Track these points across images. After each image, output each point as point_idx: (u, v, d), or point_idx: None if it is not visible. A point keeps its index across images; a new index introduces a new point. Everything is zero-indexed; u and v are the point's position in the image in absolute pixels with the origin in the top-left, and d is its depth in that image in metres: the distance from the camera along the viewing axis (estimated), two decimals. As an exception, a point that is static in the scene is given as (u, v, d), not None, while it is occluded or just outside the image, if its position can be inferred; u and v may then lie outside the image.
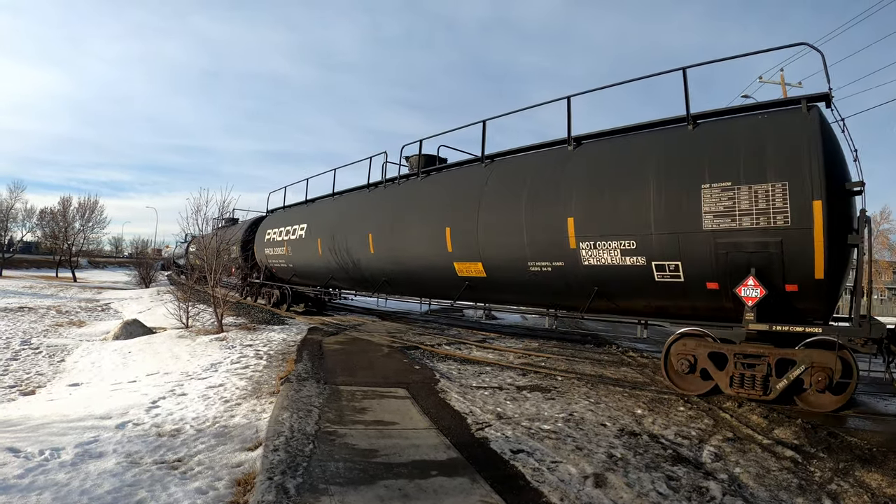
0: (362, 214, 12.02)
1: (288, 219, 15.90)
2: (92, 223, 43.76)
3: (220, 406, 5.73)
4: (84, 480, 3.65)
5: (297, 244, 14.77)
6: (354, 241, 11.81)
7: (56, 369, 9.69)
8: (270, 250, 16.57)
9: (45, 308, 19.34)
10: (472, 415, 5.48)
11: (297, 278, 15.97)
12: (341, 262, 12.50)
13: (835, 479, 4.04)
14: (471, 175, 9.50)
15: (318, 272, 14.33)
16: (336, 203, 13.80)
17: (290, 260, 15.46)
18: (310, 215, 14.67)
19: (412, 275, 10.61)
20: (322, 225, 13.67)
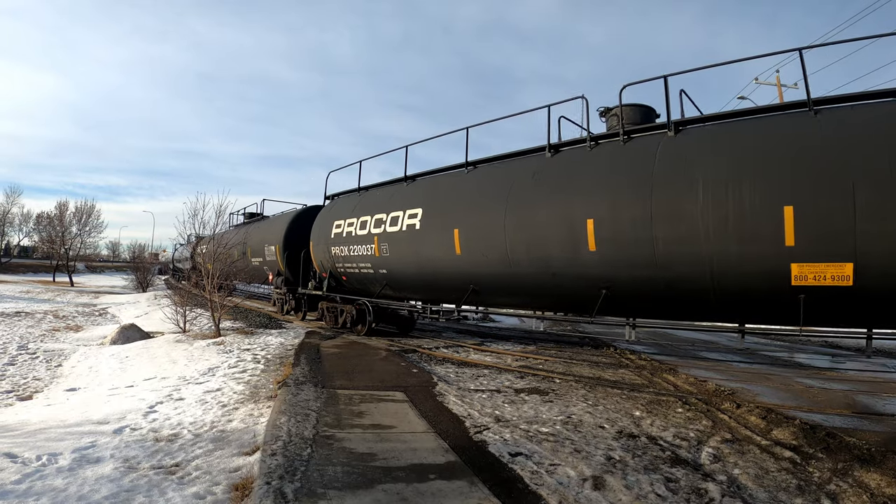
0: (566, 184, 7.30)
1: (378, 203, 11.00)
2: (89, 228, 43.79)
3: (218, 410, 5.72)
4: (81, 486, 3.64)
5: (401, 238, 9.95)
6: (548, 233, 7.27)
7: (53, 374, 9.65)
8: (340, 249, 11.94)
9: (42, 313, 19.27)
10: (470, 418, 5.47)
11: (392, 290, 10.96)
12: (515, 263, 7.77)
13: (833, 479, 4.04)
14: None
15: (443, 278, 9.29)
16: (475, 176, 9.09)
17: (383, 263, 10.61)
18: (426, 195, 9.81)
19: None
20: (456, 207, 8.92)
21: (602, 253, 6.64)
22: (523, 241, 7.58)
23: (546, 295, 7.92)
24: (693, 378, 7.81)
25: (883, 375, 8.61)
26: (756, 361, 9.83)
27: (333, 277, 12.80)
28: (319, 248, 13.09)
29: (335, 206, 13.13)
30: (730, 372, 8.61)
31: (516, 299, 8.79)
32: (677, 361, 9.53)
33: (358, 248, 11.33)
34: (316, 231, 13.37)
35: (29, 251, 56.50)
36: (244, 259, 17.87)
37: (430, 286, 10.02)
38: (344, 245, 11.86)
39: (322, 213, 13.71)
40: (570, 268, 7.10)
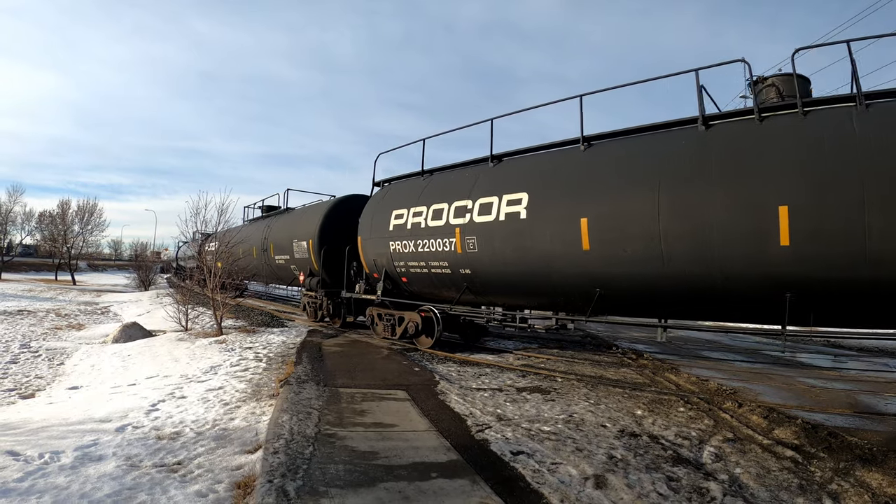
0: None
1: (457, 187, 9.12)
2: (91, 226, 43.75)
3: (220, 409, 5.73)
4: (84, 484, 3.65)
5: (496, 230, 8.09)
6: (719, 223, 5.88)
7: (55, 372, 9.67)
8: (402, 245, 9.91)
9: (45, 311, 19.31)
10: (472, 416, 5.48)
11: (473, 293, 9.07)
12: (670, 260, 6.25)
13: (835, 478, 4.04)
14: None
15: (559, 279, 7.50)
16: (599, 155, 7.43)
17: (467, 261, 8.65)
18: (531, 176, 8.01)
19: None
20: (582, 191, 7.23)
21: (797, 248, 5.39)
22: (684, 234, 6.11)
23: (711, 300, 6.29)
24: (695, 377, 7.81)
25: (885, 375, 8.59)
26: (758, 361, 9.82)
27: (389, 279, 10.65)
28: (371, 243, 10.93)
29: (391, 194, 11.00)
30: (732, 371, 8.60)
31: (663, 308, 6.97)
32: (679, 360, 9.53)
33: (429, 243, 9.27)
34: (366, 223, 11.22)
35: (31, 250, 56.58)
36: (264, 256, 16.68)
37: (535, 290, 8.04)
38: (408, 239, 9.75)
39: (373, 201, 11.54)
40: (751, 267, 5.72)
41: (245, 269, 18.65)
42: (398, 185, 11.31)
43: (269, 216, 18.56)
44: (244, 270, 18.69)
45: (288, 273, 15.88)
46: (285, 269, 15.88)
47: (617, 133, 7.51)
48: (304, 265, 14.34)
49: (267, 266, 16.81)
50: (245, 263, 17.86)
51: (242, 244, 18.26)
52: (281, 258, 15.81)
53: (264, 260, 16.64)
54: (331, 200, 14.29)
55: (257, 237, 17.67)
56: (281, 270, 16.29)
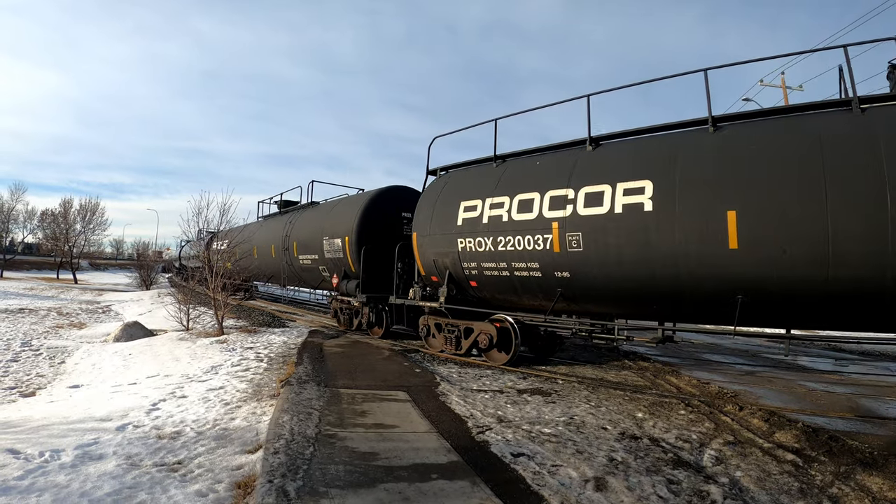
0: None
1: (548, 174, 7.93)
2: (93, 225, 43.83)
3: (221, 408, 5.73)
4: (84, 482, 3.65)
5: (610, 225, 6.88)
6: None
7: (56, 371, 9.69)
8: (475, 242, 8.55)
9: (46, 310, 19.34)
10: (473, 418, 5.48)
11: (568, 300, 7.80)
12: (840, 264, 5.44)
13: (836, 482, 4.03)
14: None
15: (690, 284, 6.40)
16: (736, 139, 6.38)
17: (566, 261, 7.36)
18: (654, 162, 6.80)
19: None
20: (727, 179, 6.17)
21: None
22: (860, 232, 5.24)
23: (878, 307, 5.41)
24: (696, 380, 7.80)
25: (886, 379, 8.58)
26: (759, 364, 9.81)
27: (454, 282, 9.16)
28: (431, 241, 9.40)
29: (455, 183, 9.59)
30: (733, 374, 8.59)
31: (823, 319, 6.06)
32: (680, 363, 9.52)
33: (514, 241, 7.86)
34: (424, 218, 9.70)
35: (33, 248, 56.69)
36: (285, 256, 15.27)
37: (650, 296, 6.84)
38: (484, 236, 8.35)
39: (431, 192, 9.97)
40: None
41: (259, 270, 17.99)
42: (463, 172, 9.89)
43: (290, 211, 16.92)
44: (257, 271, 18.04)
45: (315, 275, 14.30)
46: (312, 271, 14.32)
47: (747, 115, 6.68)
48: (336, 266, 12.76)
49: (289, 267, 15.34)
50: (260, 264, 17.33)
51: (257, 243, 17.54)
52: (307, 258, 14.28)
53: (286, 260, 15.27)
54: (370, 192, 12.53)
55: (276, 235, 16.36)
56: (306, 272, 14.72)
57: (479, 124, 9.74)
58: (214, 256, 15.29)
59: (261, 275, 18.94)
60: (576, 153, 7.84)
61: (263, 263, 17.57)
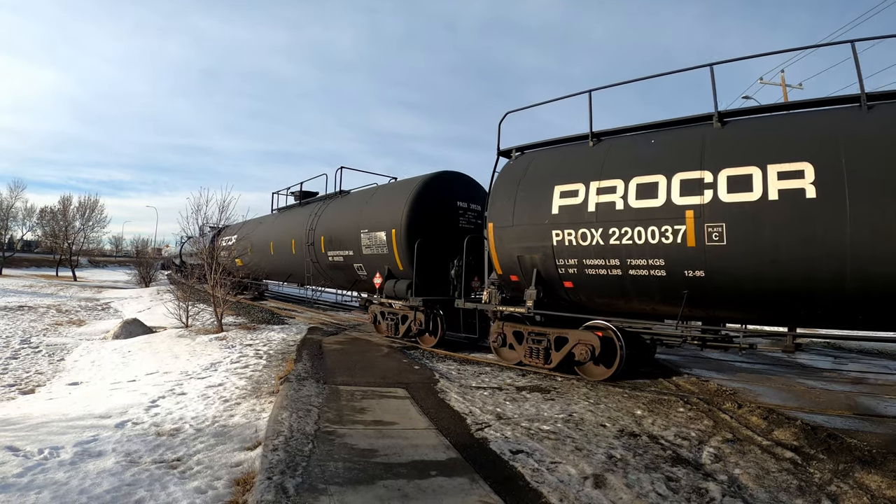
0: None
1: (666, 154, 6.87)
2: (92, 222, 43.92)
3: (220, 405, 5.73)
4: (83, 479, 3.65)
5: (766, 214, 5.88)
6: None
7: (56, 368, 9.69)
8: (577, 234, 7.28)
9: (45, 307, 19.33)
10: (472, 415, 5.48)
11: (695, 305, 6.65)
12: None
13: (834, 480, 4.04)
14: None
15: (862, 280, 5.51)
16: None
17: (702, 258, 6.29)
18: (811, 140, 5.94)
19: None
20: None
21: None
22: None
23: None
24: (695, 378, 7.80)
25: (885, 377, 8.59)
26: (758, 362, 9.82)
27: (543, 283, 7.83)
28: (515, 233, 8.06)
29: (541, 164, 8.27)
30: (731, 372, 8.60)
31: None
32: (679, 361, 9.52)
33: (632, 233, 6.75)
34: (503, 205, 8.31)
35: (32, 246, 56.70)
36: (310, 252, 13.56)
37: (806, 298, 5.92)
38: (589, 227, 7.12)
39: (509, 176, 8.59)
40: None
41: (275, 268, 16.83)
42: (550, 153, 8.48)
43: (313, 202, 15.16)
44: (272, 269, 16.97)
45: (348, 274, 12.53)
46: (345, 269, 12.53)
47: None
48: (378, 264, 11.05)
49: (315, 265, 13.65)
50: (277, 261, 16.32)
51: (274, 238, 16.49)
52: (338, 254, 12.51)
53: (311, 257, 13.64)
54: (421, 177, 10.79)
55: (297, 229, 14.58)
56: (337, 270, 12.94)
57: (566, 96, 8.55)
58: (222, 253, 14.66)
59: (278, 273, 17.37)
60: (701, 130, 6.78)
61: (281, 260, 16.02)
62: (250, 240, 16.78)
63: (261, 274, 17.78)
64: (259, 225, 17.91)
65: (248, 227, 17.89)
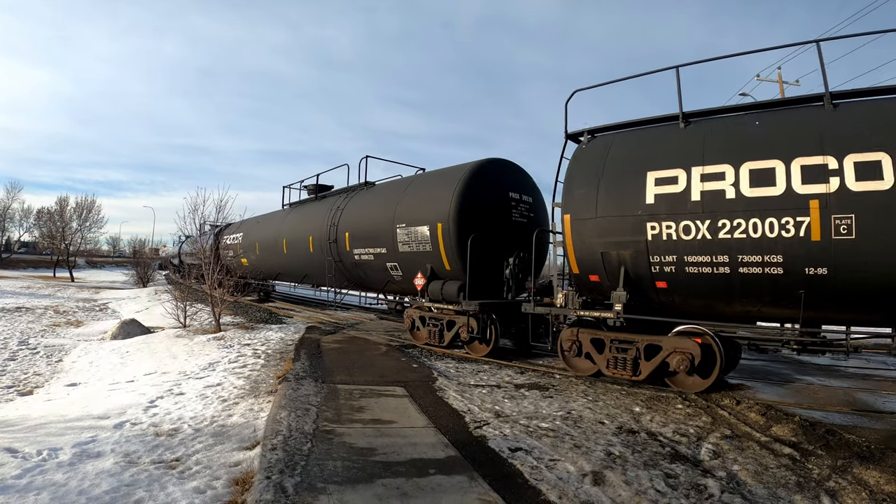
0: None
1: (772, 136, 6.28)
2: (89, 223, 43.94)
3: (218, 405, 5.72)
4: (82, 480, 3.64)
5: (886, 205, 5.45)
6: None
7: (54, 369, 9.67)
8: (678, 227, 6.58)
9: (43, 308, 19.29)
10: (470, 413, 5.48)
11: (809, 308, 5.97)
12: None
13: (833, 476, 4.05)
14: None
15: None
16: None
17: (824, 255, 5.74)
18: None
19: None
20: None
21: None
22: None
23: None
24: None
25: (883, 373, 8.61)
26: (756, 358, 9.83)
27: (631, 284, 7.01)
28: (598, 225, 7.19)
29: (627, 147, 7.44)
30: (730, 368, 8.60)
31: None
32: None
33: (744, 224, 6.07)
34: (583, 193, 7.43)
35: (29, 246, 56.58)
36: (331, 251, 12.40)
37: None
38: (693, 218, 6.41)
39: (588, 158, 7.68)
40: None
41: (288, 268, 15.72)
42: (632, 136, 7.62)
43: (332, 196, 13.82)
44: (284, 269, 15.90)
45: (379, 275, 11.30)
46: (375, 269, 11.30)
47: None
48: (418, 263, 9.89)
49: (337, 264, 12.34)
50: (290, 260, 15.36)
51: (287, 235, 15.34)
52: (367, 253, 11.28)
53: (332, 255, 12.39)
54: (469, 164, 9.62)
55: (315, 225, 13.40)
56: (365, 270, 11.71)
57: (643, 74, 7.99)
58: (226, 252, 13.97)
59: (291, 273, 16.06)
60: (811, 113, 6.21)
61: (296, 260, 14.83)
62: (257, 237, 16.04)
63: (270, 274, 16.99)
64: (268, 221, 16.96)
65: (254, 223, 17.11)
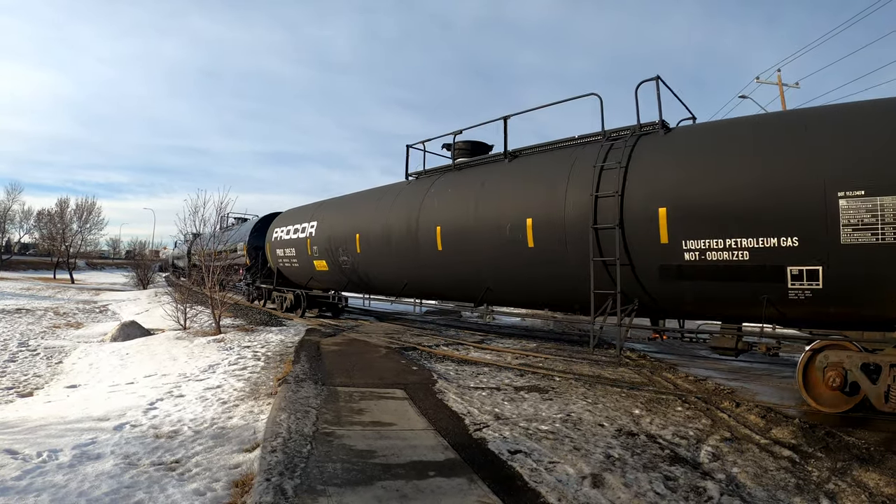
0: None
1: None
2: (90, 225, 43.92)
3: (218, 407, 5.73)
4: (82, 482, 3.65)
5: None
6: None
7: (54, 371, 9.67)
8: None
9: (43, 310, 19.28)
10: (470, 415, 5.48)
11: None
12: None
13: (832, 478, 4.05)
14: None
15: None
16: None
17: None
18: None
19: None
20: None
21: None
22: None
23: None
24: (692, 376, 7.82)
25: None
26: (756, 360, 9.83)
27: None
28: None
29: None
30: (729, 370, 8.61)
31: None
32: (677, 360, 9.54)
33: None
34: None
35: (30, 248, 56.60)
36: (608, 240, 6.82)
37: None
38: None
39: None
40: None
41: (420, 274, 9.94)
42: None
43: (475, 163, 9.72)
44: (415, 274, 9.96)
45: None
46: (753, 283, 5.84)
47: None
48: None
49: (628, 268, 6.75)
50: (448, 261, 9.20)
51: (439, 219, 9.37)
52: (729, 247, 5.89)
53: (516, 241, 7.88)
54: None
55: (519, 200, 8.14)
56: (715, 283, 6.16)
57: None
58: (277, 251, 11.18)
59: (448, 285, 9.87)
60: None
61: (453, 260, 9.17)
62: (356, 226, 11.06)
63: (393, 283, 10.94)
64: (376, 201, 11.13)
65: (342, 206, 11.87)
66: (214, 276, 12.40)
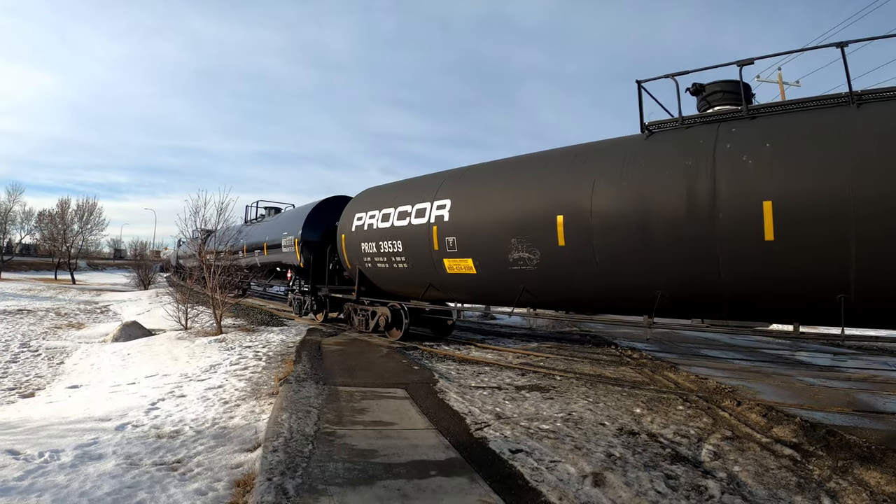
0: None
1: None
2: (90, 225, 43.87)
3: (220, 407, 5.73)
4: (84, 482, 3.66)
5: None
6: None
7: (55, 371, 9.68)
8: None
9: (44, 310, 19.31)
10: (471, 415, 5.49)
11: None
12: None
13: (833, 477, 4.05)
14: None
15: None
16: None
17: None
18: None
19: None
20: None
21: None
22: None
23: None
24: (694, 375, 7.81)
25: (884, 374, 8.60)
26: (757, 359, 9.83)
27: None
28: None
29: None
30: (730, 369, 8.61)
31: None
32: (678, 359, 9.53)
33: None
34: None
35: (31, 249, 56.62)
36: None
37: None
38: None
39: None
40: None
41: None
42: None
43: (794, 108, 5.76)
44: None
45: None
46: None
47: None
48: None
49: None
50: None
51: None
52: None
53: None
54: None
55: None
56: None
57: None
58: (362, 247, 9.11)
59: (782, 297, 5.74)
60: None
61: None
62: (552, 209, 7.21)
63: (584, 293, 7.61)
64: (580, 167, 7.30)
65: (496, 179, 8.39)
66: (217, 276, 12.39)
